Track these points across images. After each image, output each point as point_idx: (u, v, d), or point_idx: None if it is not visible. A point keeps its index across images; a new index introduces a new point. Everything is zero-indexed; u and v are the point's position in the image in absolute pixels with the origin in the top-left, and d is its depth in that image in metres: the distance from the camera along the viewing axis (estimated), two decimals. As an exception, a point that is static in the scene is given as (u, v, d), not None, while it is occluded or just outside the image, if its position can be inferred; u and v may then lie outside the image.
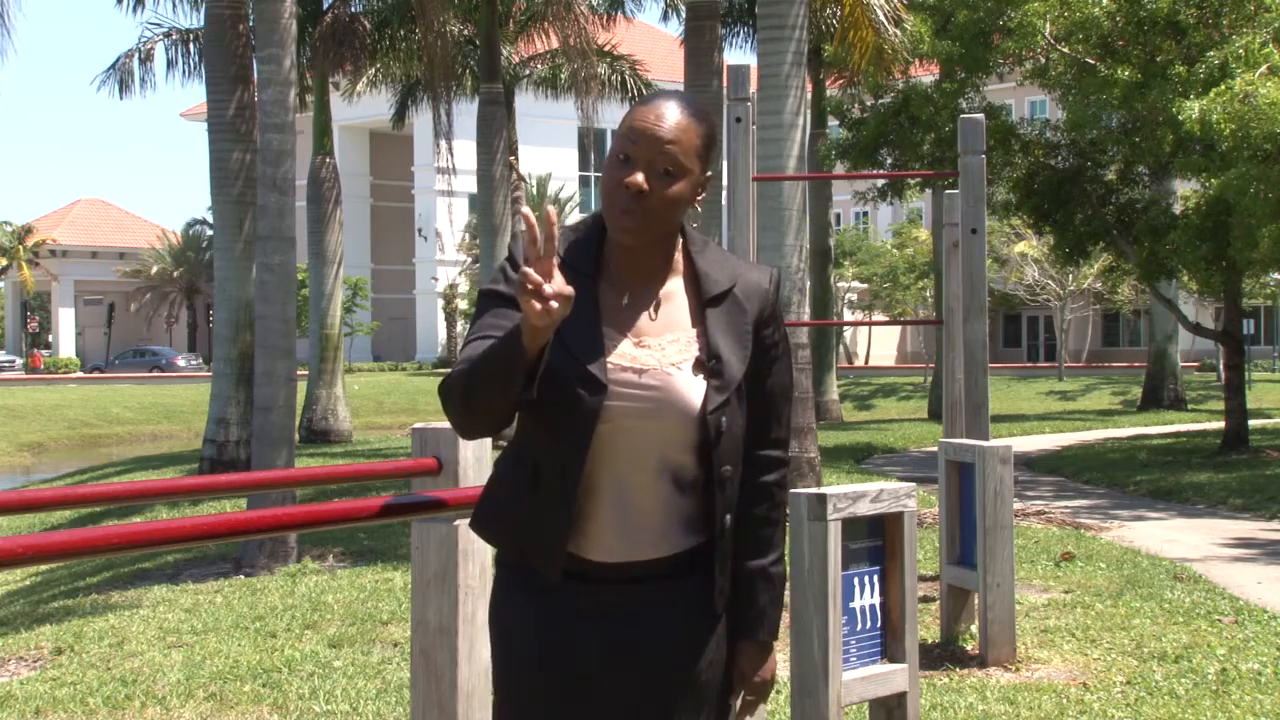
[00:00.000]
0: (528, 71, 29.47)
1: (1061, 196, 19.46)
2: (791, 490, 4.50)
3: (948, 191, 9.74)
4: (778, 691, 6.07)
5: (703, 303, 2.63)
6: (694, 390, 2.57)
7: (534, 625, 2.63)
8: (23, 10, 67.28)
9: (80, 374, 62.10)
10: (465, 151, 28.86)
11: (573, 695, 2.61)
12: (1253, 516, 13.38)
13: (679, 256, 2.67)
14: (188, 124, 78.40)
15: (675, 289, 2.65)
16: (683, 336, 2.61)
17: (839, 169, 24.42)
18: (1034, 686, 6.33)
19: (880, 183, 27.38)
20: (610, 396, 2.53)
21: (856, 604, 4.37)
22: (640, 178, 2.53)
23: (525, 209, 2.58)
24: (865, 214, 64.64)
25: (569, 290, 2.32)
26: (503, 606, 2.70)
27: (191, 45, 24.69)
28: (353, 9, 25.84)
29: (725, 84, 14.38)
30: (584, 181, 66.60)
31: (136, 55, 25.10)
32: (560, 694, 2.61)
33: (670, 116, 2.56)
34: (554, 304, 2.30)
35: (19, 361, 65.40)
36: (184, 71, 25.03)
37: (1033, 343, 64.62)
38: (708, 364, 2.58)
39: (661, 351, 2.59)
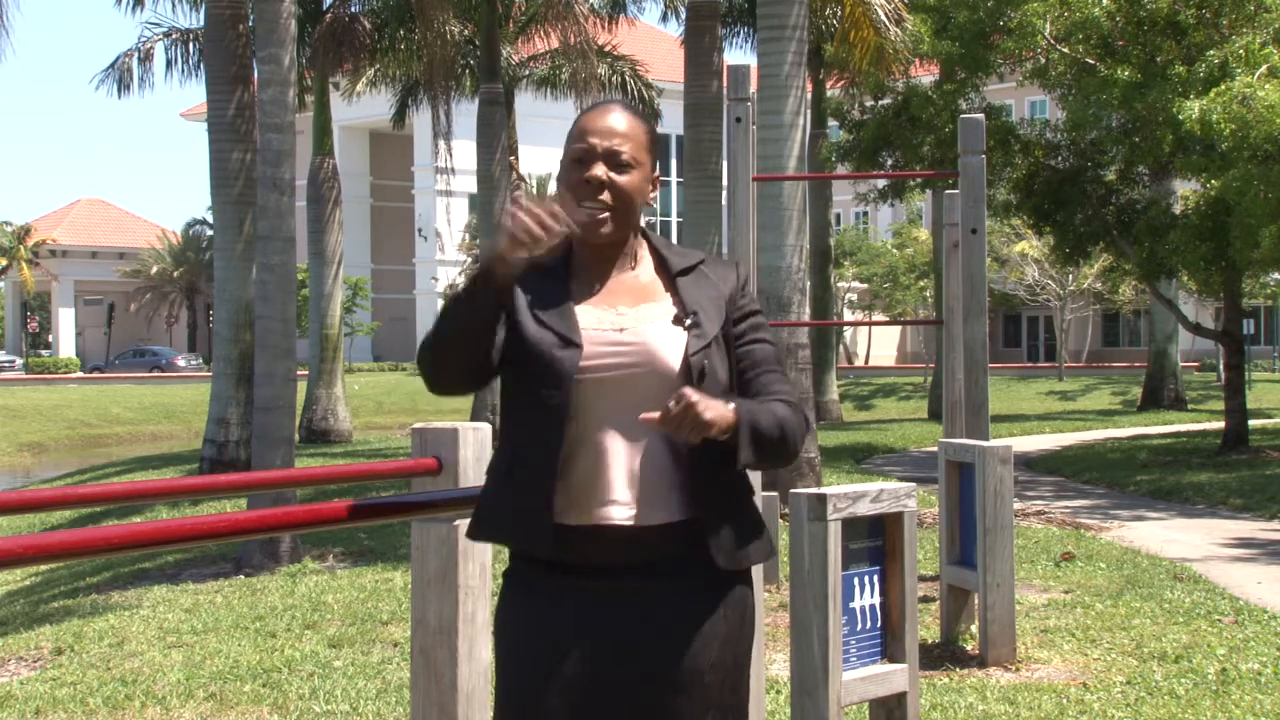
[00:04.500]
0: (527, 71, 29.43)
1: (1061, 197, 19.45)
2: (791, 490, 4.51)
3: (948, 192, 9.74)
4: (778, 692, 6.06)
5: (673, 276, 2.76)
6: (674, 341, 2.67)
7: (538, 627, 2.65)
8: (21, 10, 67.12)
9: (80, 374, 62.04)
10: (465, 151, 28.84)
11: (577, 697, 2.62)
12: (1253, 516, 13.38)
13: (644, 251, 2.80)
14: (188, 124, 78.35)
15: (645, 273, 2.78)
16: (659, 305, 2.73)
17: (839, 170, 24.41)
18: (1034, 686, 6.33)
19: (881, 184, 27.36)
20: (589, 355, 2.62)
21: (856, 604, 4.38)
22: (601, 170, 2.67)
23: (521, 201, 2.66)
24: (865, 214, 64.57)
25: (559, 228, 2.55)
26: (507, 610, 2.73)
27: (191, 45, 24.69)
28: (353, 9, 25.83)
29: (725, 84, 14.37)
30: (583, 182, 66.57)
31: (136, 55, 25.10)
32: (564, 695, 2.62)
33: (618, 116, 2.74)
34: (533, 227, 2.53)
35: (19, 361, 65.33)
36: (184, 71, 25.06)
37: (1033, 343, 64.63)
38: (685, 318, 2.69)
39: (639, 316, 2.70)
